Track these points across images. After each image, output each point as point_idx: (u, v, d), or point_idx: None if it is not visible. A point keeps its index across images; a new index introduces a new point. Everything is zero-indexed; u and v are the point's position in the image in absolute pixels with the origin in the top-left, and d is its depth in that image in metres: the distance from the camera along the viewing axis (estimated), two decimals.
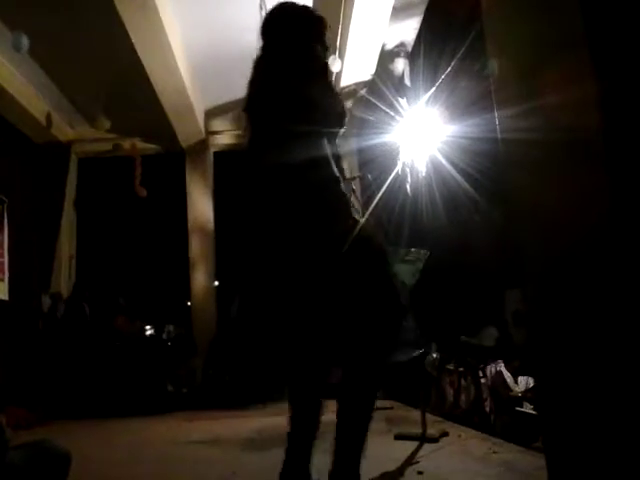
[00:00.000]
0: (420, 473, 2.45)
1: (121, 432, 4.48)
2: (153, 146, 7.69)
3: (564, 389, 1.66)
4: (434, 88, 4.78)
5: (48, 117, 6.73)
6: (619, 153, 1.36)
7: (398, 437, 3.28)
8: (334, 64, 5.59)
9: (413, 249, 2.88)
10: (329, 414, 2.04)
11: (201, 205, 7.50)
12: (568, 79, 1.53)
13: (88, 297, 6.34)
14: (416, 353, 2.60)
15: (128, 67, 5.58)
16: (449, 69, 4.46)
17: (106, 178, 7.67)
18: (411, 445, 3.00)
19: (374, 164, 5.48)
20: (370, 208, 5.14)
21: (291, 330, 1.97)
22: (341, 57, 5.60)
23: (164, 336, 7.14)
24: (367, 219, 2.08)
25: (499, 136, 1.97)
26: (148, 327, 7.06)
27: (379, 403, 4.68)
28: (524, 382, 3.63)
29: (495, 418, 3.67)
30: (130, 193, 7.14)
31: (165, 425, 4.84)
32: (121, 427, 4.75)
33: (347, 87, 6.23)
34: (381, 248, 1.96)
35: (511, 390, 3.66)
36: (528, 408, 3.38)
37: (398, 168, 5.16)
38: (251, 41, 5.41)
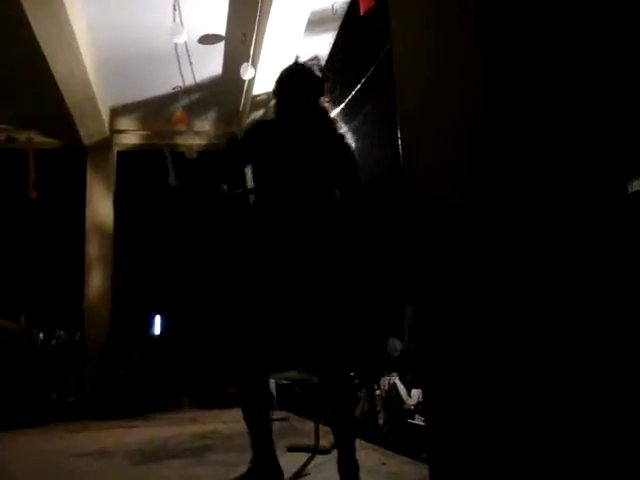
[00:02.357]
0: None
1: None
2: (52, 141, 7.28)
3: (448, 402, 1.70)
4: (344, 104, 4.85)
5: None
6: (503, 161, 1.43)
7: (291, 449, 3.25)
8: (247, 72, 5.57)
9: None
10: (218, 424, 1.99)
11: (101, 205, 7.18)
12: (462, 94, 1.59)
13: None
14: None
15: (27, 55, 5.25)
16: (360, 85, 4.56)
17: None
18: (303, 457, 2.99)
19: None
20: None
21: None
22: (254, 65, 5.58)
23: (53, 341, 6.74)
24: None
25: (400, 146, 2.02)
26: (36, 331, 6.62)
27: (275, 414, 4.66)
28: (417, 395, 3.72)
29: (388, 430, 3.74)
30: (21, 191, 6.73)
31: (46, 437, 4.52)
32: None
33: (259, 96, 6.22)
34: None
35: (404, 403, 3.75)
36: (419, 420, 3.47)
37: None
38: (160, 42, 5.36)
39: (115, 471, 3.02)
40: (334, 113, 2.42)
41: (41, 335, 6.28)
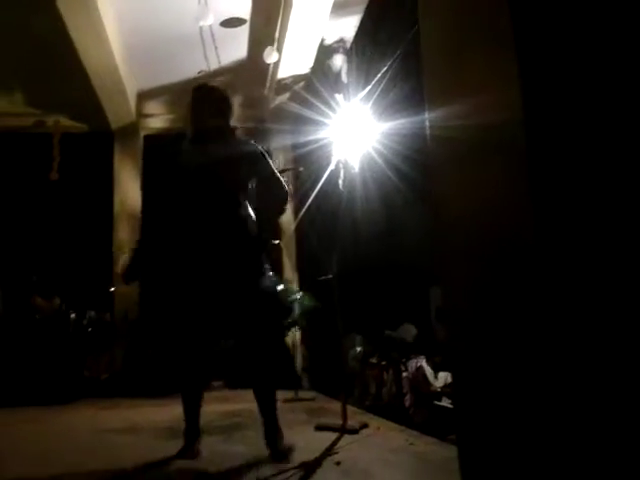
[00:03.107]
0: (338, 464, 2.49)
1: (30, 421, 4.25)
2: (80, 125, 7.39)
3: (477, 385, 1.72)
4: (370, 86, 4.83)
5: None
6: (540, 155, 1.42)
7: (318, 428, 3.31)
8: (271, 56, 5.57)
9: None
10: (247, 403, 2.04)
11: (129, 189, 7.29)
12: (494, 78, 1.58)
13: None
14: None
15: (55, 39, 5.31)
16: (386, 68, 4.53)
17: (28, 155, 7.27)
18: (331, 436, 3.04)
19: (309, 160, 5.49)
20: (307, 203, 5.17)
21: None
22: (279, 49, 5.58)
23: (84, 321, 6.88)
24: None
25: (428, 134, 2.02)
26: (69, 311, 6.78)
27: (301, 394, 4.73)
28: (444, 377, 3.74)
29: (414, 411, 3.77)
30: (46, 176, 6.93)
31: (80, 413, 4.68)
32: (31, 416, 4.52)
33: (283, 80, 6.22)
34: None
35: (431, 385, 3.77)
36: (446, 402, 3.49)
37: (332, 164, 5.19)
38: (186, 26, 5.38)
39: (144, 446, 3.11)
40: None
41: (73, 315, 6.43)
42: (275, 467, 2.43)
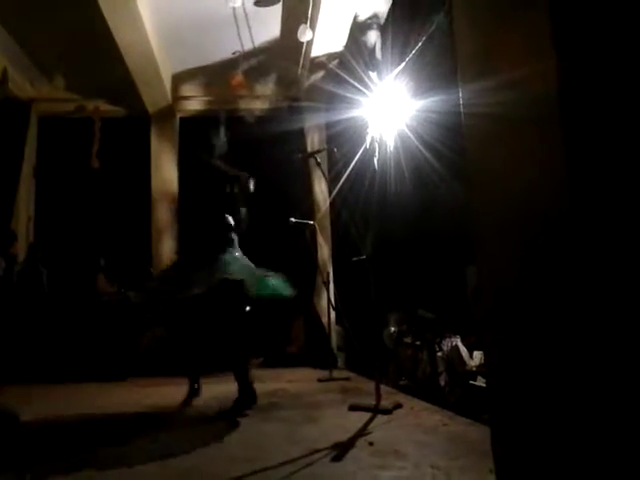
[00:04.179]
0: (371, 444, 2.50)
1: (77, 396, 4.44)
2: (118, 109, 7.49)
3: (510, 365, 1.69)
4: (404, 62, 4.74)
5: (4, 72, 6.39)
6: (576, 127, 1.37)
7: (352, 408, 3.32)
8: (304, 34, 5.51)
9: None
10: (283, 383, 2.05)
11: (166, 172, 7.37)
12: (528, 54, 1.53)
13: (42, 258, 6.27)
14: None
15: (92, 25, 5.38)
16: (420, 44, 4.43)
17: (69, 139, 7.42)
18: (365, 416, 3.04)
19: (343, 138, 5.44)
20: (339, 183, 5.14)
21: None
22: (312, 27, 5.52)
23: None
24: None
25: (462, 111, 1.97)
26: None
27: (336, 374, 4.74)
28: (479, 356, 3.71)
29: (449, 391, 3.75)
30: (87, 160, 7.07)
31: (123, 390, 4.81)
32: (78, 392, 4.72)
33: (317, 58, 6.15)
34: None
35: (466, 364, 3.74)
36: (481, 382, 3.46)
37: (367, 142, 5.13)
38: (219, 7, 5.36)
39: (185, 425, 3.18)
40: None
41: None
42: (309, 447, 2.45)
